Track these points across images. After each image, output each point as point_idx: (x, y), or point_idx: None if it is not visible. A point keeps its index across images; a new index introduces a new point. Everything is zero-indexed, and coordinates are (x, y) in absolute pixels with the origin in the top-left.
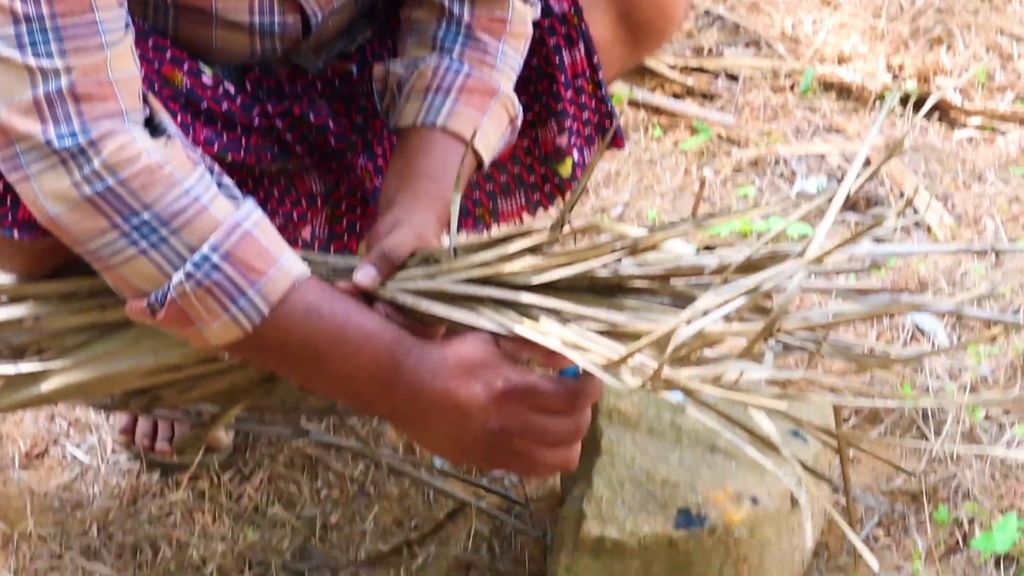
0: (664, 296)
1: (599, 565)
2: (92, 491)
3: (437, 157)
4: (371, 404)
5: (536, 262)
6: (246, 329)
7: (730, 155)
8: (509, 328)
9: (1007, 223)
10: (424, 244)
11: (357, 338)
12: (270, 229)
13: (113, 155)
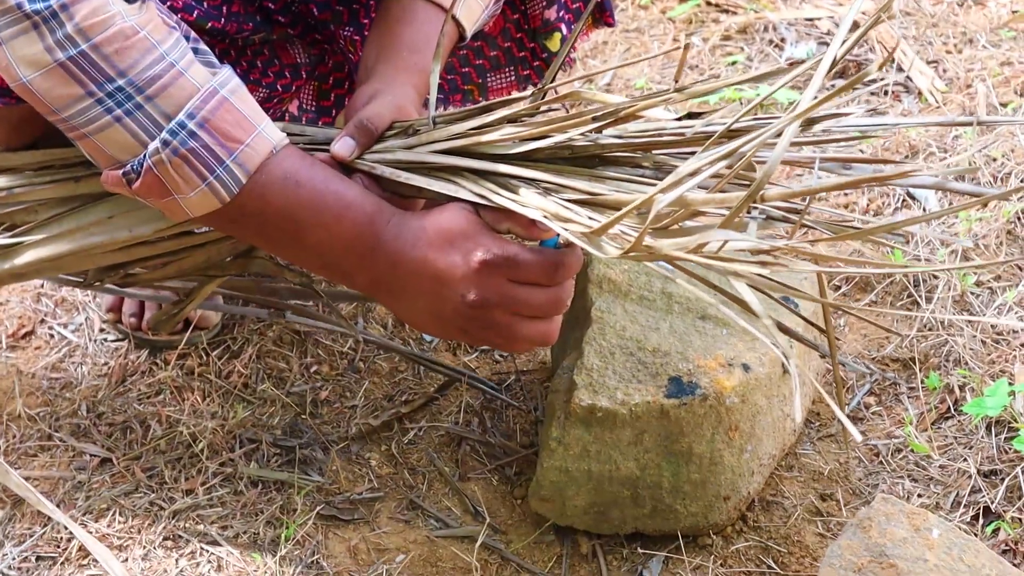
0: (646, 168)
1: (590, 435)
2: (80, 371)
3: (418, 27)
4: (350, 275)
5: (515, 131)
6: (224, 199)
7: (719, 22)
8: (489, 199)
9: (998, 87)
10: (403, 116)
11: (337, 207)
12: (247, 96)
13: (86, 19)
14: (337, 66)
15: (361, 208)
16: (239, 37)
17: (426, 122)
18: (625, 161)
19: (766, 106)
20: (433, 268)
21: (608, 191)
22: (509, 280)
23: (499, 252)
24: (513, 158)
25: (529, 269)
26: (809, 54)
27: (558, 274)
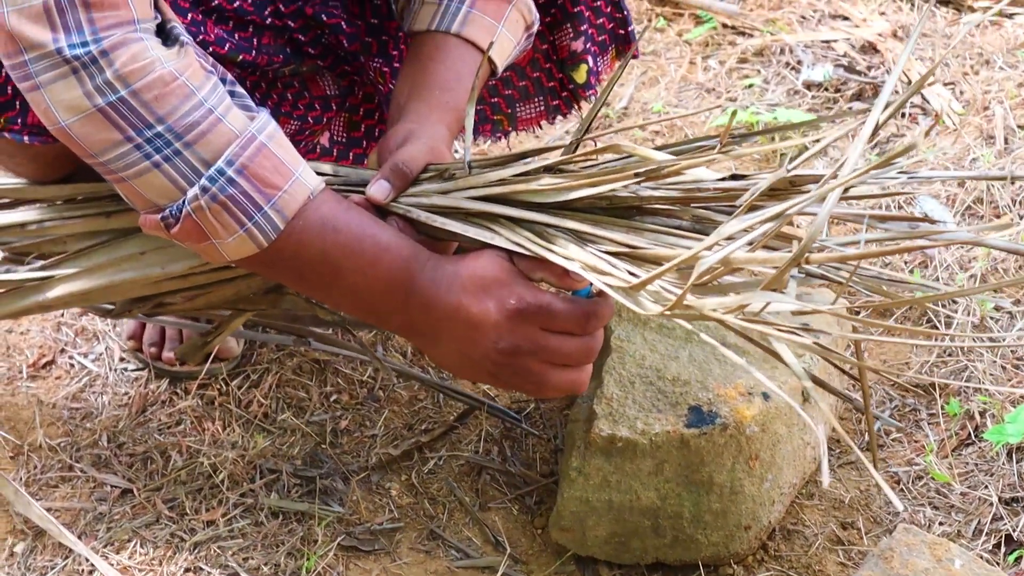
0: (684, 218)
1: (610, 465)
2: (101, 400)
3: (451, 65)
4: (385, 318)
5: (554, 182)
6: (261, 244)
7: (735, 45)
8: (526, 248)
9: (1015, 108)
10: (437, 158)
11: (373, 251)
12: (284, 141)
13: (125, 65)
14: (367, 97)
15: (398, 252)
16: (270, 69)
17: (461, 166)
18: (663, 212)
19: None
20: (467, 313)
21: (646, 244)
22: (542, 329)
23: (532, 301)
24: (550, 206)
25: (562, 318)
26: (826, 76)
27: (590, 324)
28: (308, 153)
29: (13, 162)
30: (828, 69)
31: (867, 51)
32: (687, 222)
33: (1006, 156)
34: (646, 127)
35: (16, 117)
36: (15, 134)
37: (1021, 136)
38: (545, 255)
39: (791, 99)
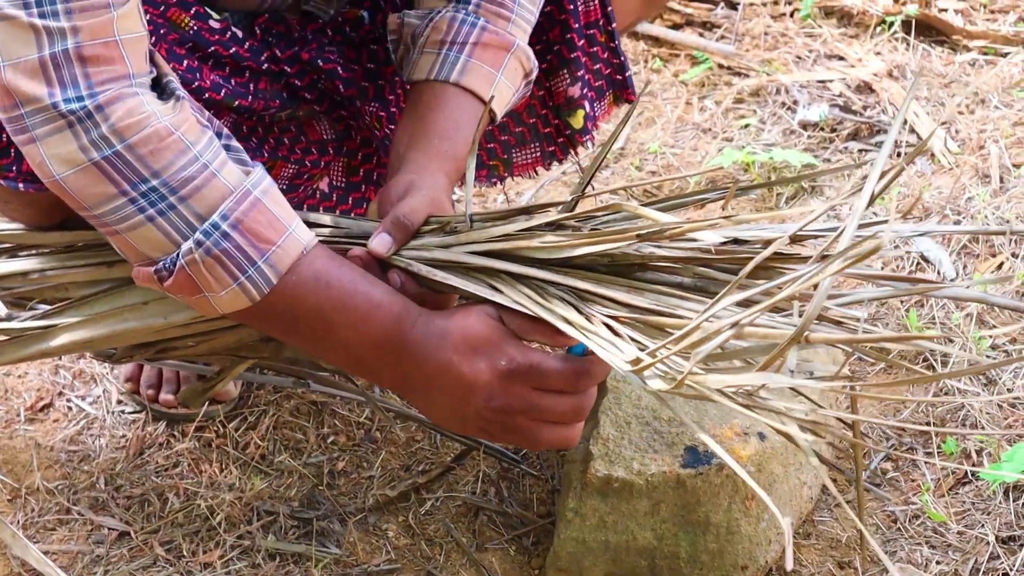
0: (685, 276)
1: (607, 506)
2: (98, 443)
3: (450, 114)
4: (376, 373)
5: (555, 240)
6: (254, 298)
7: (731, 85)
8: (528, 308)
9: (1011, 147)
10: (438, 209)
11: (365, 307)
12: (279, 195)
13: (121, 119)
14: (365, 142)
15: (389, 309)
16: (266, 114)
17: (463, 219)
18: (665, 269)
19: (779, 169)
20: (458, 372)
21: (648, 304)
22: (533, 388)
23: (523, 361)
24: (550, 262)
25: (554, 378)
26: (822, 116)
27: (582, 383)
28: (307, 198)
29: (9, 208)
30: (824, 109)
31: (863, 91)
32: (689, 279)
33: (1001, 195)
34: (643, 167)
35: (11, 165)
36: (10, 181)
37: (1016, 175)
38: (546, 317)
39: (787, 139)
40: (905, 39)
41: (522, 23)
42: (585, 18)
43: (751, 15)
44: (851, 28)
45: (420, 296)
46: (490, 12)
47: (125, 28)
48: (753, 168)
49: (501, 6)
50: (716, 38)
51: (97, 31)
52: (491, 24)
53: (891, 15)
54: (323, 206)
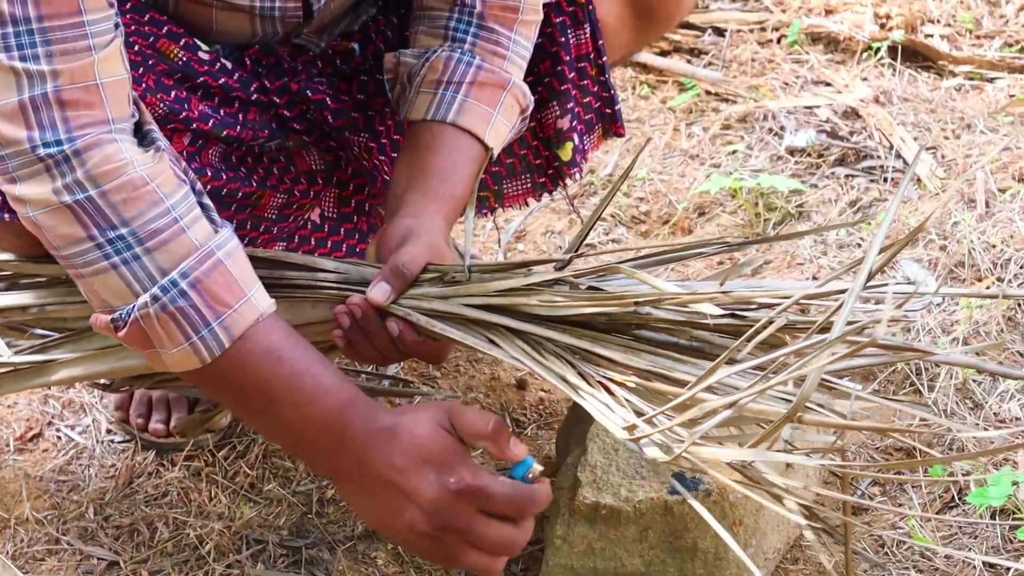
0: (683, 338)
1: (595, 532)
2: (88, 473)
3: (447, 154)
4: (314, 457)
5: (554, 299)
6: (205, 359)
7: (718, 111)
8: (526, 364)
9: (996, 172)
10: (437, 256)
11: (312, 389)
12: (243, 259)
13: (97, 165)
14: (356, 172)
15: (335, 395)
16: (255, 144)
17: (461, 269)
18: (662, 329)
19: (766, 195)
20: (402, 481)
21: (645, 365)
22: (477, 510)
23: (472, 483)
24: (549, 318)
25: (499, 502)
26: (809, 142)
27: (527, 510)
28: (299, 228)
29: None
30: (811, 135)
31: (849, 116)
32: (686, 341)
33: (987, 220)
34: (631, 193)
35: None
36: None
37: (1002, 200)
38: (544, 376)
39: (774, 164)
40: (892, 65)
41: (518, 60)
42: (576, 51)
43: (738, 41)
44: (838, 54)
45: (418, 345)
46: (486, 51)
47: (106, 71)
48: (741, 194)
49: (497, 44)
50: (703, 65)
51: (77, 75)
52: (487, 63)
53: (877, 41)
54: (315, 237)
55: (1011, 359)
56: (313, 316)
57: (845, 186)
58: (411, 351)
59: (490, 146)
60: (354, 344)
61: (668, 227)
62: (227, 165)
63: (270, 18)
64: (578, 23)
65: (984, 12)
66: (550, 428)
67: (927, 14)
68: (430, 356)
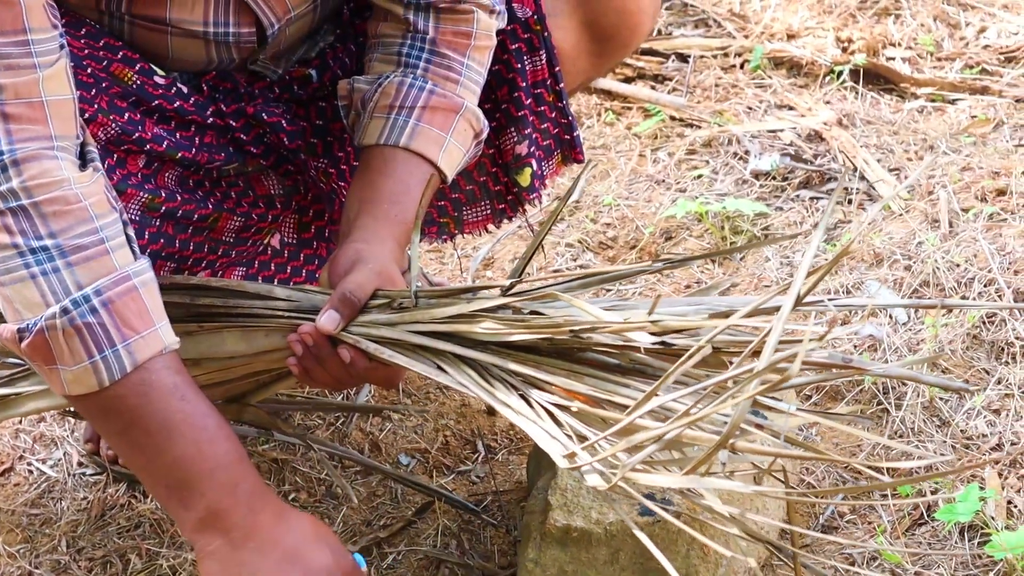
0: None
1: (566, 556)
2: (60, 506)
3: (399, 177)
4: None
5: (495, 327)
6: (103, 382)
7: (683, 136)
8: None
9: (959, 192)
10: (386, 281)
11: (216, 432)
12: (156, 293)
13: (34, 178)
14: (316, 198)
15: (237, 445)
16: (212, 167)
17: (408, 295)
18: (603, 352)
19: (732, 218)
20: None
21: (587, 390)
22: None
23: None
24: (494, 344)
25: None
26: (773, 165)
27: None
28: (258, 254)
29: None
30: (775, 158)
31: (813, 139)
32: (627, 364)
33: (951, 239)
34: (597, 219)
35: None
36: None
37: (965, 219)
38: (491, 403)
39: (740, 188)
40: (854, 88)
41: (471, 84)
42: (532, 77)
43: (702, 67)
44: (800, 78)
45: (370, 370)
46: (438, 76)
47: (51, 90)
48: (707, 218)
49: (449, 69)
50: (668, 91)
51: (22, 91)
52: (439, 87)
53: (840, 64)
54: (275, 262)
55: (976, 376)
56: (267, 344)
57: (810, 208)
58: (364, 377)
59: (443, 169)
60: (308, 371)
61: (635, 252)
62: (183, 188)
63: (224, 44)
64: (534, 50)
65: (944, 35)
66: (521, 453)
67: (888, 37)
68: (383, 381)
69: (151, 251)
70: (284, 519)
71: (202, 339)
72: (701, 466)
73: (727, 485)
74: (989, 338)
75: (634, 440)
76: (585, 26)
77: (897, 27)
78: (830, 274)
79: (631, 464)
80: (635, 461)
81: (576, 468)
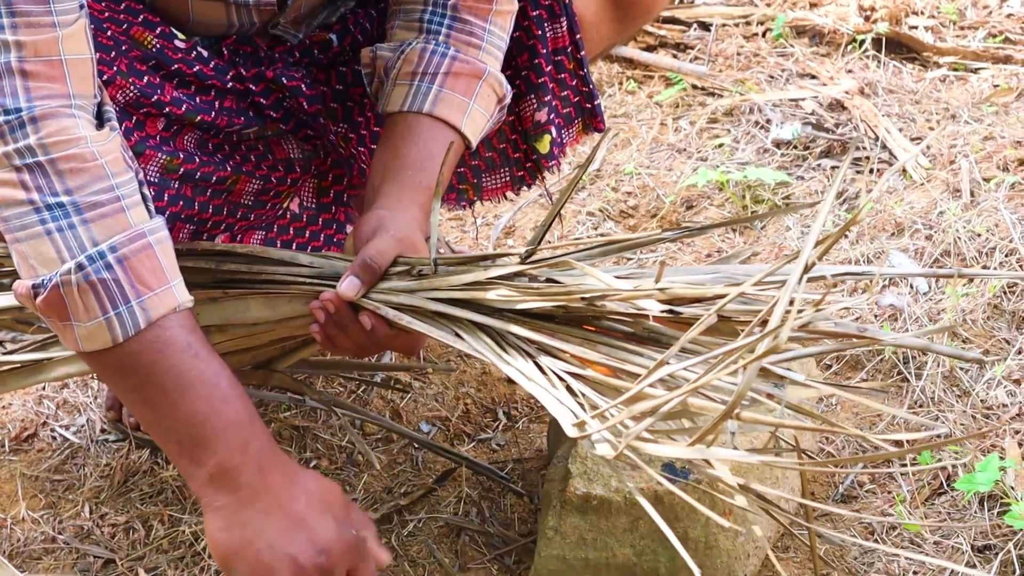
0: (636, 328)
1: (586, 523)
2: (83, 472)
3: (423, 144)
4: (203, 460)
5: (509, 294)
6: (117, 338)
7: (705, 105)
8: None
9: (981, 162)
10: (408, 248)
11: (228, 391)
12: (171, 251)
13: (51, 135)
14: (335, 163)
15: (248, 405)
16: (232, 131)
17: (428, 263)
18: (617, 320)
19: (753, 187)
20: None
21: (601, 358)
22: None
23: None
24: (510, 311)
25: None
26: (795, 134)
27: None
28: (277, 218)
29: None
30: (797, 127)
31: (835, 108)
32: (641, 332)
33: (972, 209)
34: (619, 188)
35: None
36: None
37: (986, 188)
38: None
39: (761, 157)
40: (876, 57)
41: (493, 50)
42: (553, 44)
43: (724, 36)
44: (823, 47)
45: (391, 337)
46: (460, 41)
47: (70, 49)
48: (728, 187)
49: (471, 35)
50: (689, 59)
51: (41, 48)
52: (461, 53)
53: (862, 33)
54: (294, 226)
55: (997, 346)
56: (290, 311)
57: (831, 177)
58: (385, 344)
59: (467, 135)
60: (331, 338)
61: (656, 221)
62: (202, 151)
63: (244, 7)
64: (555, 17)
65: (967, 3)
66: (541, 421)
67: (911, 6)
68: (404, 348)
69: (170, 213)
70: (294, 482)
71: (227, 305)
72: (708, 436)
73: (733, 455)
74: (1010, 308)
75: (636, 409)
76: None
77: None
78: (852, 244)
79: (634, 433)
80: (639, 430)
81: (585, 437)
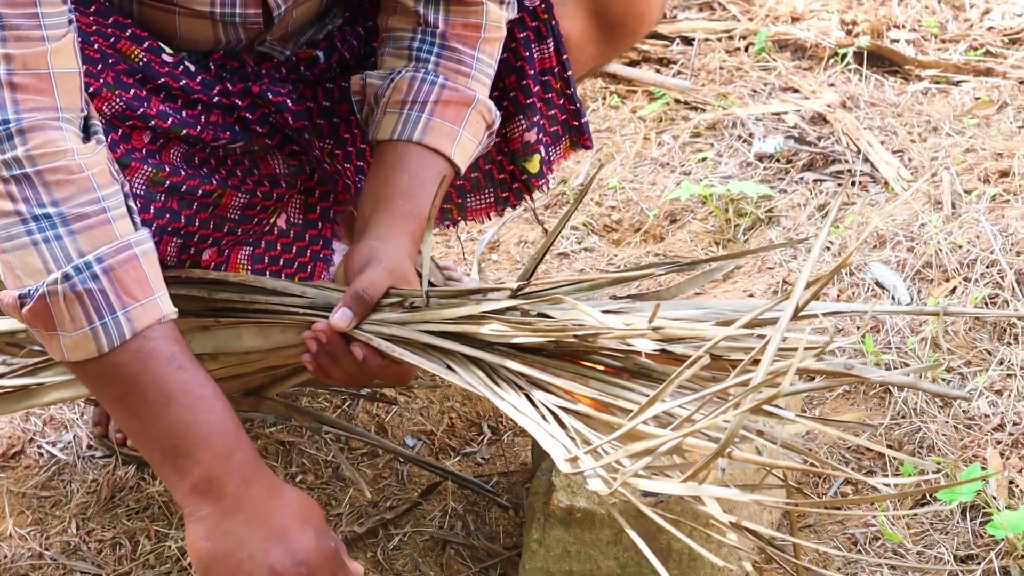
0: (627, 363)
1: (570, 536)
2: (70, 488)
3: (413, 173)
4: (187, 469)
5: (502, 329)
6: (103, 348)
7: (688, 119)
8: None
9: (962, 174)
10: (399, 280)
11: (212, 401)
12: (156, 264)
13: (38, 147)
14: (321, 179)
15: (232, 416)
16: (218, 146)
17: (420, 295)
18: (608, 356)
19: (736, 200)
20: (282, 523)
21: (591, 393)
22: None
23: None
24: (502, 345)
25: None
26: (777, 148)
27: None
28: (264, 233)
29: None
30: (779, 141)
31: (817, 122)
32: (632, 367)
33: (953, 221)
34: (602, 202)
35: None
36: None
37: (968, 200)
38: (498, 405)
39: (744, 171)
40: (858, 70)
41: (482, 77)
42: (540, 64)
43: (706, 50)
44: (805, 61)
45: (383, 368)
46: (449, 69)
47: (59, 63)
48: (711, 201)
49: (460, 63)
50: (672, 74)
51: (30, 61)
52: (450, 81)
53: (844, 47)
54: (280, 242)
55: (979, 357)
56: (283, 340)
57: (814, 191)
58: (376, 374)
59: (457, 163)
60: (323, 367)
61: (640, 235)
62: (188, 164)
63: (231, 24)
64: (542, 38)
65: (949, 16)
66: (526, 435)
67: (892, 20)
68: (395, 378)
69: (157, 226)
70: (276, 495)
71: (219, 333)
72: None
73: (725, 493)
74: (992, 319)
75: (633, 448)
76: (592, 14)
77: (901, 9)
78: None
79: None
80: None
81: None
